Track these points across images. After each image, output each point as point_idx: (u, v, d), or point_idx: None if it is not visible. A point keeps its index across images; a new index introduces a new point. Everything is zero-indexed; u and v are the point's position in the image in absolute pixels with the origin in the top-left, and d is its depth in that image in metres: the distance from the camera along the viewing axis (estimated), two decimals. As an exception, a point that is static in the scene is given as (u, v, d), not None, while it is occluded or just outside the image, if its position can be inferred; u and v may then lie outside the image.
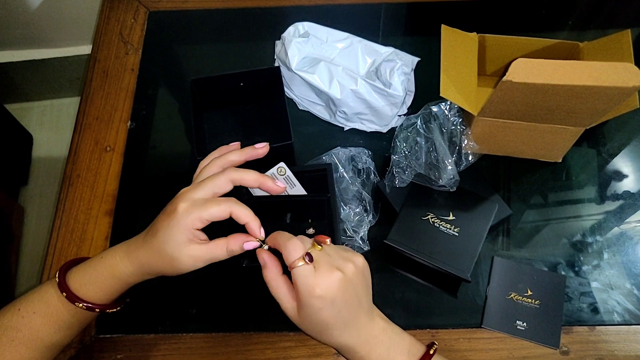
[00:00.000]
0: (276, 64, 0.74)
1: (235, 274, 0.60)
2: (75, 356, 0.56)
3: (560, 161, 0.67)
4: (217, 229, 0.47)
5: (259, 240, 0.46)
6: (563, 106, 0.54)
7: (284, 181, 0.58)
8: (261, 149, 0.53)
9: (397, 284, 0.60)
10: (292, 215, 0.60)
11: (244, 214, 0.46)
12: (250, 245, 0.46)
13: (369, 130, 0.69)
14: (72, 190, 0.66)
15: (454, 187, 0.60)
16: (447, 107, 0.61)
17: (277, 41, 0.75)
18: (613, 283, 0.60)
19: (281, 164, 0.59)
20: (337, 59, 0.70)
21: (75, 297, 0.47)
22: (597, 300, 0.59)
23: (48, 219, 1.38)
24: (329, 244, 0.45)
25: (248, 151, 0.52)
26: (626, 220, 0.64)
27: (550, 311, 0.57)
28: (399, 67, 0.66)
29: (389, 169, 0.62)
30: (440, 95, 0.57)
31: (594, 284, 0.60)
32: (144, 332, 0.57)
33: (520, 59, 0.50)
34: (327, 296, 0.41)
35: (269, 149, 0.53)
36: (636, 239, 0.63)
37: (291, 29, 0.72)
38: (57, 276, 0.48)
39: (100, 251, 0.52)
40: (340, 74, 0.66)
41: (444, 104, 0.61)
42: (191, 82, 0.66)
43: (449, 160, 0.59)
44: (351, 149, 0.65)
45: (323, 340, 0.45)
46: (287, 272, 0.44)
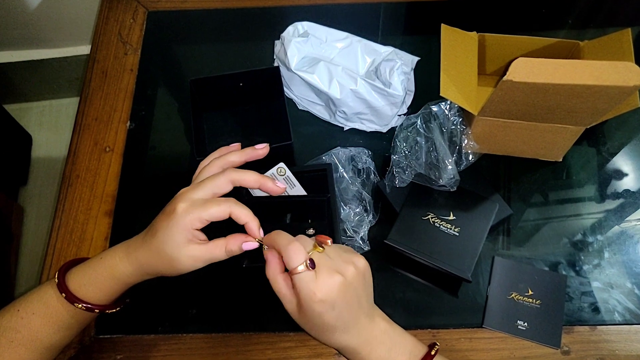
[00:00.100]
0: (275, 64, 0.74)
1: (235, 274, 0.60)
2: (75, 356, 0.56)
3: (560, 160, 0.67)
4: (217, 230, 0.47)
5: (258, 241, 0.46)
6: (563, 105, 0.54)
7: (284, 181, 0.58)
8: (261, 149, 0.53)
9: (398, 284, 0.60)
10: (292, 216, 0.60)
11: (243, 214, 0.46)
12: (249, 245, 0.46)
13: (368, 130, 0.69)
14: (72, 190, 0.66)
15: (454, 187, 0.60)
16: (447, 106, 0.61)
17: (277, 41, 0.75)
18: (614, 282, 0.59)
19: (281, 164, 0.59)
20: (336, 58, 0.70)
21: (74, 298, 0.47)
22: (598, 299, 0.59)
23: (47, 219, 1.38)
24: (330, 245, 0.44)
25: (248, 152, 0.52)
26: (627, 219, 0.64)
27: (551, 311, 0.57)
28: (398, 67, 0.66)
29: (389, 168, 0.62)
30: (440, 94, 0.56)
31: (594, 284, 0.59)
32: (143, 333, 0.57)
33: (520, 58, 0.50)
34: (327, 300, 0.41)
35: (269, 150, 0.53)
36: (637, 238, 0.62)
37: (290, 28, 0.71)
38: (56, 277, 0.48)
39: (99, 252, 0.52)
40: (340, 74, 0.66)
41: (444, 103, 0.61)
42: (190, 83, 0.66)
43: (449, 160, 0.59)
44: (351, 149, 0.65)
45: (324, 341, 0.45)
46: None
